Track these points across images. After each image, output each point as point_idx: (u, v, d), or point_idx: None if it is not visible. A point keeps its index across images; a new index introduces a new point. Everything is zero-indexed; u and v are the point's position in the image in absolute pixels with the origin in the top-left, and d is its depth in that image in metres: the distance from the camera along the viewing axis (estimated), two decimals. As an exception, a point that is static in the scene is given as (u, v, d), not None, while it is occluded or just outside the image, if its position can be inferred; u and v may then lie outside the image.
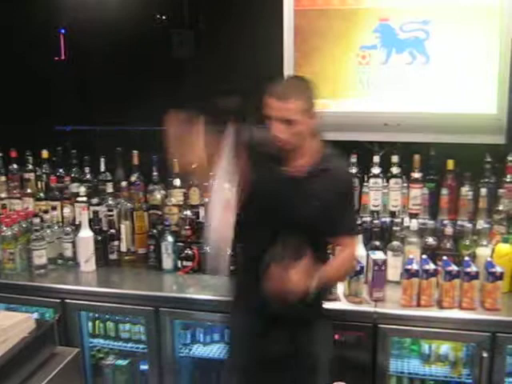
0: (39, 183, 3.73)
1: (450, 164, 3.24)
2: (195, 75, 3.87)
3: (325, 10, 3.30)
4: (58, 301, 3.19)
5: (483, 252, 2.99)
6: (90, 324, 3.35)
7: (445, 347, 2.98)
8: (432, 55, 3.23)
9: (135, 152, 3.61)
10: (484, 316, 2.77)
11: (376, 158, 3.32)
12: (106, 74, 3.98)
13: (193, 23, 4.11)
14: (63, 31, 4.46)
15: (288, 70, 3.32)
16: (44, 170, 3.76)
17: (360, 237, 3.08)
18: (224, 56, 3.76)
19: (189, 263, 3.32)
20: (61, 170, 3.76)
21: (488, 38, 3.12)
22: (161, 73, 4.00)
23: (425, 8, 3.19)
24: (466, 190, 3.18)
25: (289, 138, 2.39)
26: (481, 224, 3.07)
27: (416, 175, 3.25)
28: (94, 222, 3.42)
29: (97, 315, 3.35)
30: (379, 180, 3.29)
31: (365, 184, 3.30)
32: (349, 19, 3.29)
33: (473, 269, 2.80)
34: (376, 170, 3.31)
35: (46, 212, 3.47)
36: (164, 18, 4.33)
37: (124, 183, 3.53)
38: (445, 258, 2.93)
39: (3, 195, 3.71)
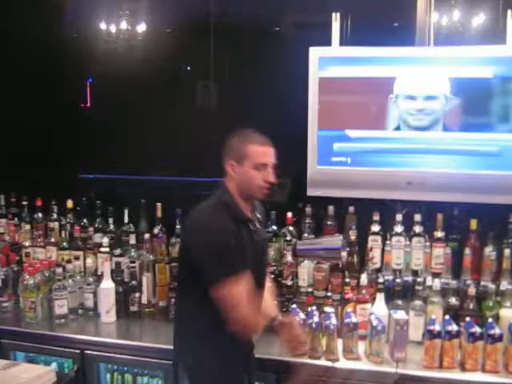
0: (63, 232, 3.77)
1: (474, 224, 3.24)
2: (219, 125, 3.92)
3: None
4: (78, 351, 3.19)
5: (507, 313, 2.95)
6: (109, 376, 3.33)
7: (467, 411, 2.93)
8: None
9: (159, 204, 3.64)
10: (508, 380, 2.72)
11: (398, 217, 3.31)
12: (131, 123, 4.04)
13: (217, 74, 4.17)
14: (90, 80, 4.54)
15: (312, 122, 3.34)
16: (68, 220, 3.81)
17: (381, 295, 3.07)
18: (248, 107, 3.81)
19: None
20: (85, 220, 3.80)
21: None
22: (186, 123, 4.05)
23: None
24: (489, 251, 3.16)
25: None
26: (504, 285, 3.05)
27: (439, 234, 3.24)
28: (115, 273, 3.44)
29: (115, 367, 3.33)
30: (402, 238, 3.28)
31: (387, 242, 3.29)
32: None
33: (496, 331, 2.76)
34: (398, 229, 3.30)
35: (68, 262, 3.50)
36: (189, 68, 4.41)
37: (147, 235, 3.56)
38: (468, 319, 2.90)
39: (27, 243, 3.74)
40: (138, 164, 4.04)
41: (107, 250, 3.53)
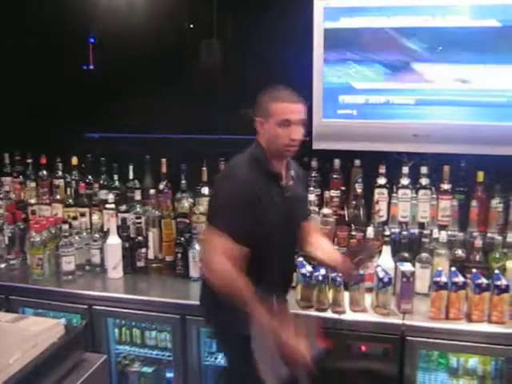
0: (68, 190, 3.77)
1: (480, 176, 3.22)
2: (223, 84, 3.89)
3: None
4: (85, 307, 3.21)
5: (513, 265, 2.95)
6: (117, 331, 3.37)
7: (473, 361, 2.95)
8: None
9: (163, 160, 3.63)
10: (513, 330, 2.73)
11: (405, 169, 3.30)
12: (134, 82, 3.99)
13: (221, 33, 4.11)
14: (92, 41, 4.48)
15: (317, 74, 3.31)
16: (73, 177, 3.81)
17: (388, 248, 3.07)
18: (252, 66, 3.77)
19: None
20: (90, 177, 3.80)
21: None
22: (189, 82, 4.01)
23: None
24: (496, 202, 3.15)
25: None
26: (511, 237, 3.04)
27: (445, 186, 3.23)
28: (121, 229, 3.44)
29: (123, 322, 3.36)
30: (408, 191, 3.27)
31: (393, 195, 3.28)
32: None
33: (503, 282, 2.77)
34: (405, 181, 3.29)
35: (74, 218, 3.50)
36: (192, 26, 4.34)
37: (152, 191, 3.54)
38: (474, 270, 2.90)
39: (33, 201, 3.75)
40: (142, 123, 4.00)
41: (113, 206, 3.53)
